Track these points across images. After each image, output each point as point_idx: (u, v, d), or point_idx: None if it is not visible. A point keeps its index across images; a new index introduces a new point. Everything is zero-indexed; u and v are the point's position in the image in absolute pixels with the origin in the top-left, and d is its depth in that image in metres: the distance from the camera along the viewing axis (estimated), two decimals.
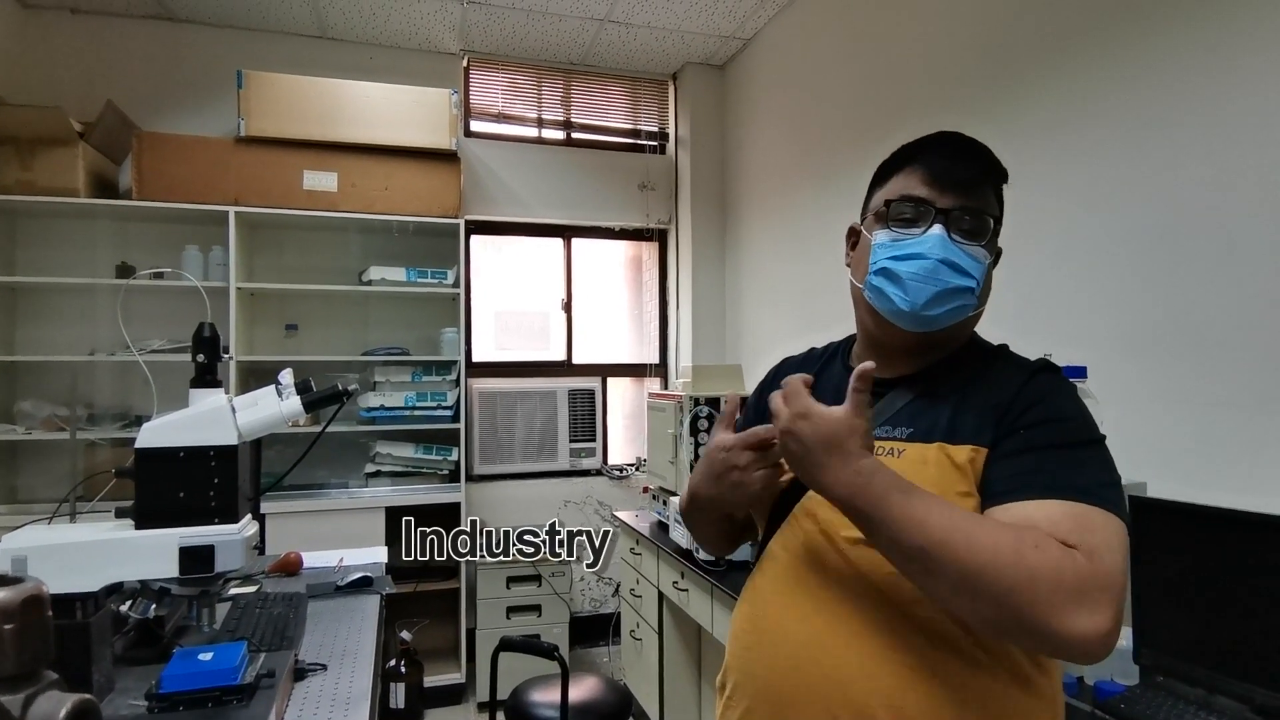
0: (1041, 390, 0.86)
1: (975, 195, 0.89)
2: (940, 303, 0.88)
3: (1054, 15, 1.86)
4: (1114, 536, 0.74)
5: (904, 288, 0.89)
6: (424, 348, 3.45)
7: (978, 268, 0.88)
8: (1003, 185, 0.95)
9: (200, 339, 1.35)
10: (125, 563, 1.20)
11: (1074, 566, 0.70)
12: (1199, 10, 1.52)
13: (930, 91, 2.31)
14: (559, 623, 3.26)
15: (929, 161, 0.91)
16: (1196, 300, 1.53)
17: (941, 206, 0.89)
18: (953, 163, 0.90)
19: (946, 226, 0.88)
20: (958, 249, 0.88)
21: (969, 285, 0.88)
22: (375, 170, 3.16)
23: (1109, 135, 1.72)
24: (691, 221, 3.81)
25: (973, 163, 0.91)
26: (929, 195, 0.90)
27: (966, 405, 0.87)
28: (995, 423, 0.84)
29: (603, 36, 3.48)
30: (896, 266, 0.89)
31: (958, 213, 0.88)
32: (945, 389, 0.90)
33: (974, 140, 0.94)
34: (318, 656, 1.42)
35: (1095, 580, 0.70)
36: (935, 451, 0.85)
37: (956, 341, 0.94)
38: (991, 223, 0.90)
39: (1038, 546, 0.71)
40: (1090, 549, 0.72)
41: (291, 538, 2.78)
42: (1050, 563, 0.70)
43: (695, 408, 2.68)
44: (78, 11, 3.12)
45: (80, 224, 3.09)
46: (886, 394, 0.94)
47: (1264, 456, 1.40)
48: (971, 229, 0.89)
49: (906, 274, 0.88)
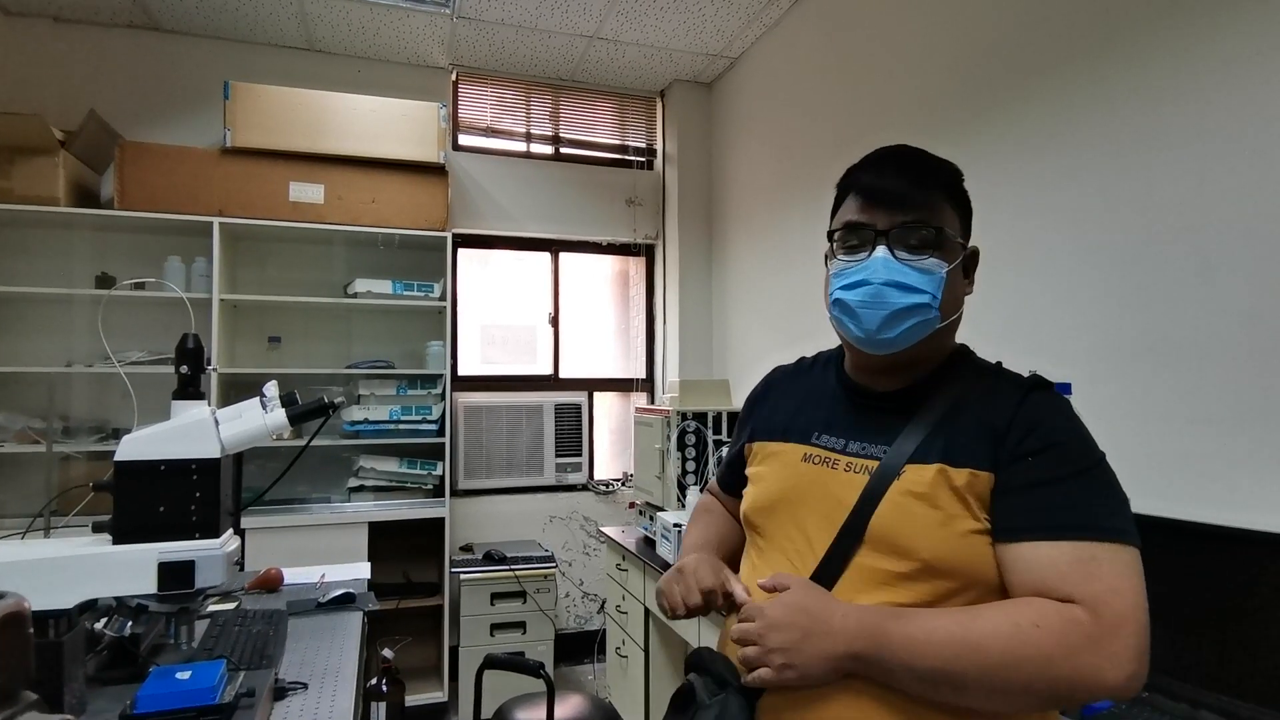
0: (1039, 411, 0.85)
1: (914, 208, 0.88)
2: (894, 324, 0.87)
3: (1034, 38, 1.90)
4: (1121, 572, 0.75)
5: (856, 317, 0.89)
6: (409, 361, 3.43)
7: (929, 280, 0.87)
8: (957, 182, 0.93)
9: (184, 350, 1.33)
10: (102, 579, 1.17)
11: (1080, 631, 0.72)
12: (1175, 38, 1.56)
13: (913, 112, 2.34)
14: (544, 640, 3.22)
15: (863, 184, 0.91)
16: (1174, 319, 1.55)
17: (881, 228, 0.88)
18: (886, 180, 0.89)
19: (889, 246, 0.88)
20: (904, 267, 0.87)
21: (921, 301, 0.87)
22: (362, 183, 3.15)
23: (1087, 157, 1.75)
24: (679, 237, 3.83)
25: (905, 175, 0.89)
26: (867, 218, 0.90)
27: (959, 424, 0.87)
28: (993, 445, 0.84)
29: (591, 53, 3.51)
30: (847, 296, 0.89)
31: (898, 231, 0.88)
32: (936, 406, 0.89)
33: (909, 150, 0.93)
34: (298, 675, 1.39)
35: (1103, 633, 0.72)
36: (935, 474, 0.84)
37: (938, 352, 0.94)
38: (937, 231, 0.88)
39: (1038, 625, 0.73)
40: (1094, 600, 0.73)
41: (272, 553, 2.74)
42: (1054, 637, 0.72)
43: (682, 423, 2.68)
44: (61, 20, 3.10)
45: (60, 234, 3.05)
46: (878, 408, 0.94)
47: (1243, 472, 1.42)
48: (918, 242, 0.88)
49: (855, 303, 0.88)
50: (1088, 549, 0.76)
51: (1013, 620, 0.74)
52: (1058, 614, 0.73)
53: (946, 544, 0.81)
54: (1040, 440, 0.82)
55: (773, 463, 1.00)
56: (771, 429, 1.04)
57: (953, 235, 0.90)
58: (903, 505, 0.84)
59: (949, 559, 0.81)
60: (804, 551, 0.90)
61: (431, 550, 3.33)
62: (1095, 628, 0.72)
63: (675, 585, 0.97)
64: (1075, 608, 0.73)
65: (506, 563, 3.23)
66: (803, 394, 1.05)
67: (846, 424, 0.95)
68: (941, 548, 0.81)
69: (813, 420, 0.99)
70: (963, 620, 0.77)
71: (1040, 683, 0.72)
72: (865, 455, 0.90)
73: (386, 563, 3.18)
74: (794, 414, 1.02)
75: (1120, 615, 0.73)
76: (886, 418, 0.92)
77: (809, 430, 0.98)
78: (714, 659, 0.92)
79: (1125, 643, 0.72)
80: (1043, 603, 0.75)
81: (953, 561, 0.81)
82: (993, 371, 0.94)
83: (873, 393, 0.95)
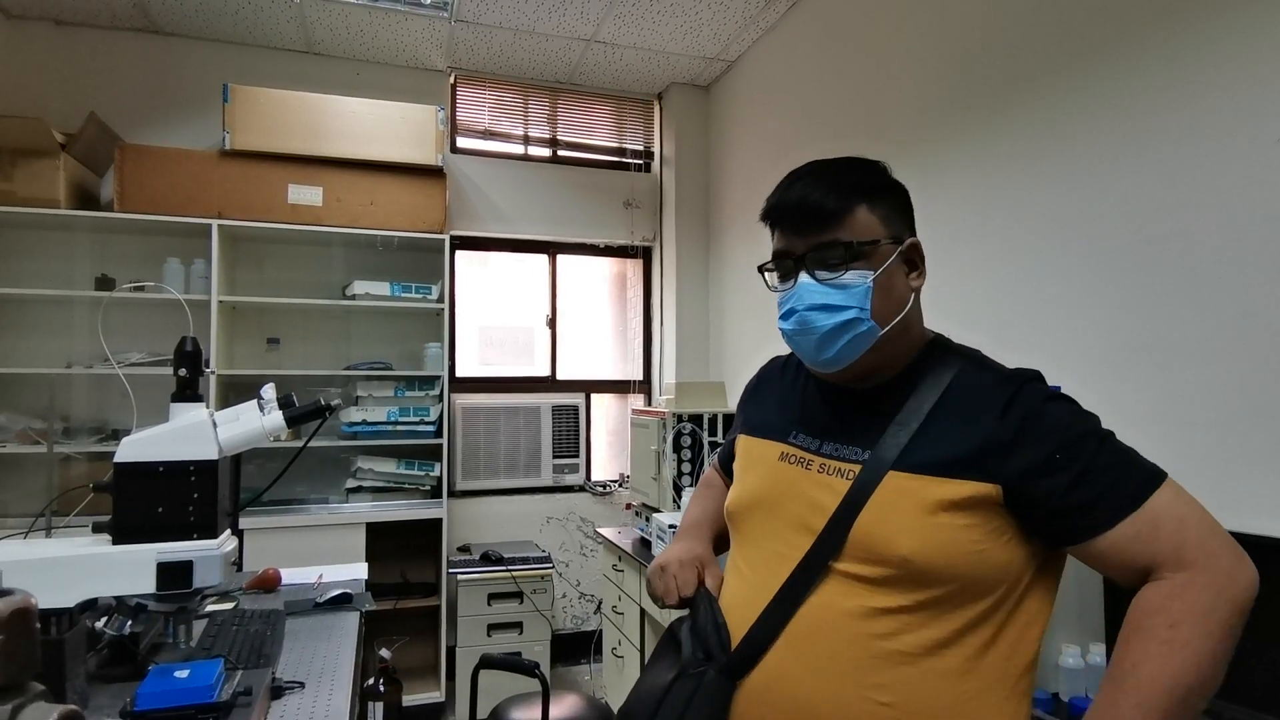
0: (1034, 405, 0.84)
1: (824, 227, 0.88)
2: (829, 344, 0.88)
3: (1027, 44, 1.92)
4: (1173, 510, 0.79)
5: (796, 346, 0.93)
6: (407, 363, 3.44)
7: (852, 295, 0.87)
8: (875, 180, 0.92)
9: (182, 353, 1.34)
10: (102, 578, 1.18)
11: (1194, 591, 0.75)
12: (1163, 45, 1.58)
13: (908, 116, 2.36)
14: (540, 640, 3.23)
15: (776, 213, 0.93)
16: (1165, 322, 1.57)
17: (798, 253, 0.90)
18: (793, 206, 0.90)
19: (809, 270, 0.89)
20: (825, 288, 0.88)
21: (848, 318, 0.87)
22: (361, 185, 3.17)
23: (1078, 161, 1.77)
24: (676, 239, 3.84)
25: (811, 196, 0.89)
26: (785, 246, 0.91)
27: (947, 428, 0.85)
28: (998, 455, 0.82)
29: (589, 56, 3.53)
30: (783, 326, 0.92)
31: (812, 254, 0.89)
32: (915, 405, 0.88)
33: (815, 167, 0.93)
34: (295, 674, 1.40)
35: (1201, 569, 0.76)
36: (921, 483, 0.83)
37: (904, 350, 0.92)
38: (848, 246, 0.87)
39: (1172, 626, 0.74)
40: (1175, 551, 0.77)
41: (270, 554, 2.75)
42: (1192, 615, 0.74)
43: (679, 424, 2.70)
44: (62, 23, 3.11)
45: (60, 235, 3.06)
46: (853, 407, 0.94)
47: (1237, 476, 1.43)
48: (836, 260, 0.88)
49: (790, 331, 0.92)
50: (1142, 518, 0.78)
51: (1158, 638, 0.74)
52: (1175, 599, 0.75)
53: (932, 538, 0.81)
54: (1052, 441, 0.82)
55: (754, 461, 1.02)
56: (756, 424, 1.06)
57: (872, 241, 0.88)
58: (883, 513, 0.84)
59: (931, 554, 0.81)
60: (782, 554, 0.90)
61: (429, 551, 3.34)
62: (1197, 571, 0.75)
63: (658, 581, 1.04)
64: (1168, 579, 0.76)
65: (503, 563, 3.25)
66: (785, 390, 1.06)
67: (821, 424, 0.96)
68: (925, 543, 0.81)
69: (790, 418, 1.00)
70: (1132, 681, 0.75)
71: (1222, 639, 0.74)
72: (839, 457, 0.90)
73: (384, 563, 3.20)
74: (776, 410, 1.04)
75: (1199, 541, 0.77)
76: (862, 417, 0.92)
77: (787, 429, 0.99)
78: (709, 621, 0.93)
79: (1220, 557, 0.76)
80: (1148, 602, 0.77)
81: (935, 558, 0.81)
82: (974, 361, 0.92)
83: (847, 390, 0.96)
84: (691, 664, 0.91)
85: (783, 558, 0.90)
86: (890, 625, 0.82)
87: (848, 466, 0.89)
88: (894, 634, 0.82)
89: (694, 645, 0.93)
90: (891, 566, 0.82)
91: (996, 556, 0.82)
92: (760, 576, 0.92)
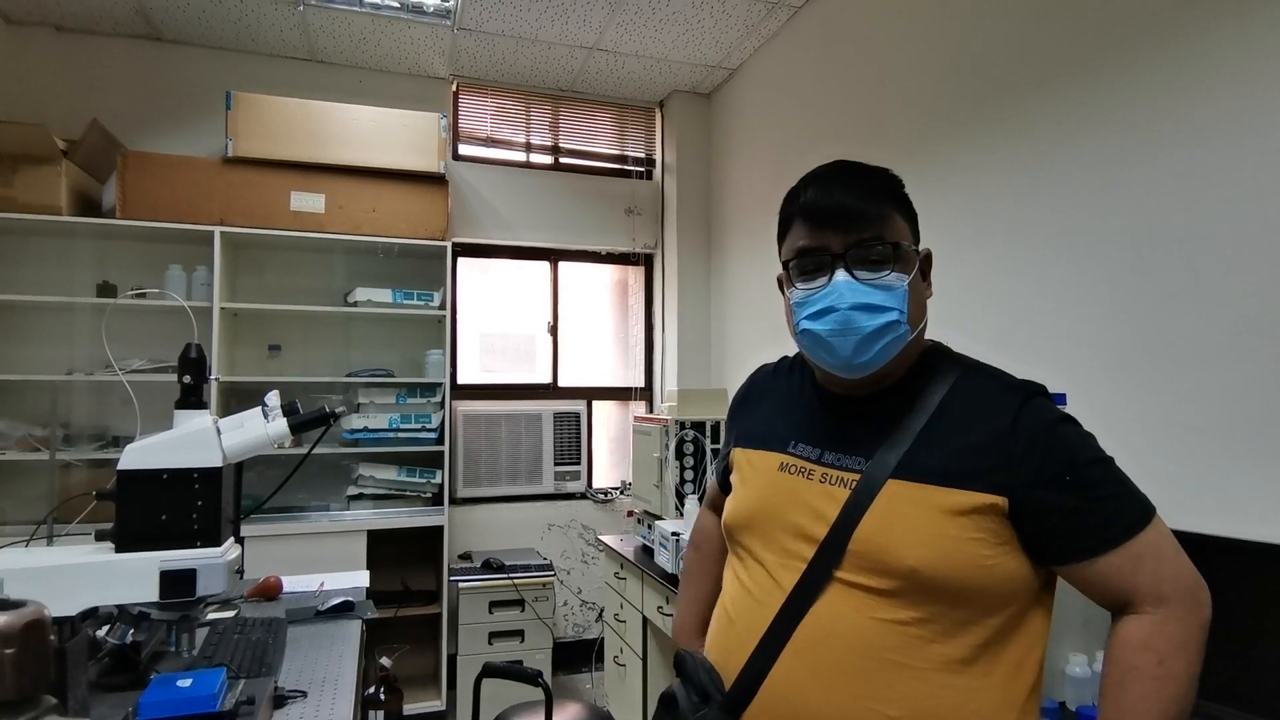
0: (1046, 423, 0.84)
1: (866, 225, 0.86)
2: (868, 347, 0.85)
3: (1027, 52, 1.92)
4: (1152, 545, 0.82)
5: (828, 348, 0.87)
6: (409, 369, 3.44)
7: (895, 296, 0.86)
8: (901, 189, 0.92)
9: (186, 360, 1.34)
10: (105, 586, 1.18)
11: (1173, 625, 0.79)
12: (1165, 51, 1.58)
13: (909, 124, 2.37)
14: (542, 648, 3.22)
15: (810, 207, 0.89)
16: (1168, 327, 1.57)
17: (836, 250, 0.86)
18: (833, 200, 0.87)
19: (848, 269, 0.86)
20: (868, 288, 0.85)
21: (891, 319, 0.85)
22: (363, 192, 3.17)
23: (1080, 168, 1.77)
24: (677, 246, 3.85)
25: (851, 192, 0.88)
26: (821, 242, 0.87)
27: (949, 436, 0.85)
28: (1003, 468, 0.82)
29: (591, 64, 3.54)
30: (815, 326, 0.87)
31: (855, 251, 0.86)
32: (916, 412, 0.88)
33: (849, 165, 0.92)
34: (298, 683, 1.40)
35: (1177, 603, 0.80)
36: (925, 492, 0.83)
37: (909, 356, 0.92)
38: (894, 246, 0.86)
39: (1161, 662, 0.78)
40: (1151, 592, 0.80)
41: (271, 561, 2.73)
42: (1175, 649, 0.79)
43: (680, 431, 2.69)
44: (63, 29, 3.12)
45: (62, 242, 3.06)
46: (853, 415, 0.93)
47: (1239, 482, 1.43)
48: (877, 259, 0.86)
49: (826, 332, 0.86)
50: (1130, 548, 0.81)
51: (1149, 676, 0.78)
52: (1158, 636, 0.79)
53: (940, 549, 0.80)
54: (1063, 461, 0.83)
55: (752, 472, 1.00)
56: (751, 436, 1.04)
57: (907, 245, 0.88)
58: (886, 520, 0.83)
59: (939, 566, 0.80)
60: (786, 565, 0.89)
61: (430, 558, 3.33)
62: (1174, 605, 0.80)
63: None
64: (1148, 614, 0.80)
65: (505, 571, 3.23)
66: (780, 398, 1.04)
67: (821, 433, 0.94)
68: (933, 554, 0.80)
69: (789, 427, 0.98)
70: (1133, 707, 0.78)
71: (1199, 661, 0.79)
72: (841, 466, 0.89)
73: (385, 571, 3.18)
74: (771, 420, 1.02)
75: (1174, 575, 0.81)
76: (863, 425, 0.91)
77: (786, 438, 0.97)
78: (698, 668, 0.92)
79: (1192, 589, 0.81)
80: (1135, 639, 0.80)
81: (944, 569, 0.80)
82: (973, 368, 0.92)
83: (848, 398, 0.94)
84: (690, 711, 0.90)
85: (786, 569, 0.89)
86: (899, 638, 0.81)
87: (850, 475, 0.88)
88: (903, 647, 0.81)
89: (688, 692, 0.92)
90: (900, 578, 0.82)
91: (1005, 569, 0.82)
92: (763, 589, 0.91)
